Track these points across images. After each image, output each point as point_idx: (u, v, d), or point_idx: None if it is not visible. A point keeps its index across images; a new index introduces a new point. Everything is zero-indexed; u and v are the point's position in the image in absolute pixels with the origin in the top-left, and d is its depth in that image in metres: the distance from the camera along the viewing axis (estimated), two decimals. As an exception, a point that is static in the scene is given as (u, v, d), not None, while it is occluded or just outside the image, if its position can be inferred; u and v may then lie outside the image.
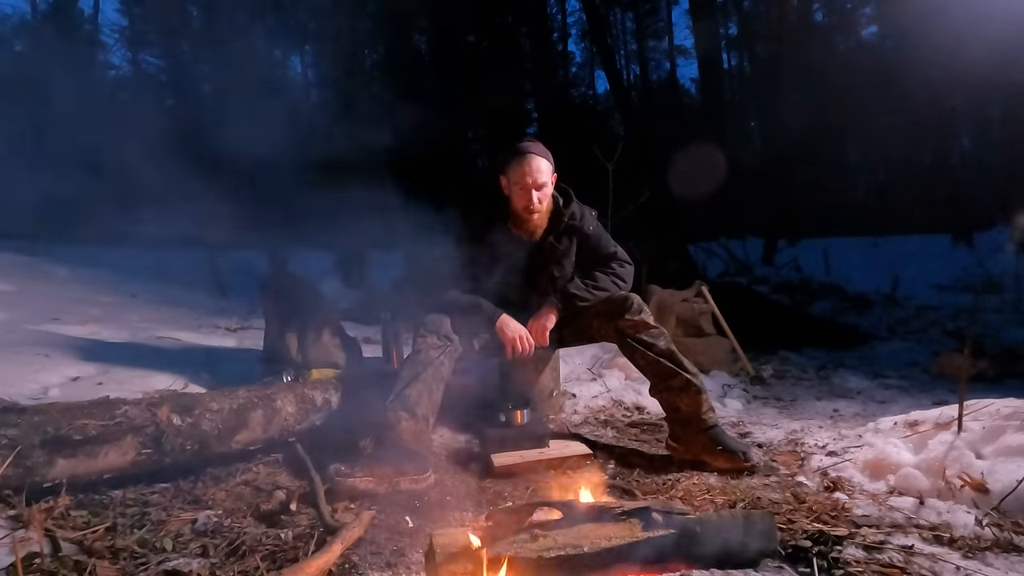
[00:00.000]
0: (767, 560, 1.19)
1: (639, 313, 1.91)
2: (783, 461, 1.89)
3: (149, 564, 1.17)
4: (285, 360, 2.39)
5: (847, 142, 15.95)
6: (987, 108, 13.00)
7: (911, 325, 4.88)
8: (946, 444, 1.62)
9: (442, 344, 1.84)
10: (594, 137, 8.10)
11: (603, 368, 2.94)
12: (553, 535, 1.09)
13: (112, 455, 1.41)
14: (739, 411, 2.65)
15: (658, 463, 1.88)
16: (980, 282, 6.40)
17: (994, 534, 1.29)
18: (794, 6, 13.92)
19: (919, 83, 10.05)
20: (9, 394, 1.82)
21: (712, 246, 8.39)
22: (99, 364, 2.35)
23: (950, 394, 2.42)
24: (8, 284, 4.23)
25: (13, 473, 1.26)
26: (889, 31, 14.43)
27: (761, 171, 12.65)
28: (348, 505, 1.51)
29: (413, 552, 1.27)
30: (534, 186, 1.90)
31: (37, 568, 1.11)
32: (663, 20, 22.20)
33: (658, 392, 1.92)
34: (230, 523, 1.37)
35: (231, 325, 3.75)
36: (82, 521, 1.31)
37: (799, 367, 3.58)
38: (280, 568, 1.16)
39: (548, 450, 1.88)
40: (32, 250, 5.53)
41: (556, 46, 16.65)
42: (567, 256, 2.06)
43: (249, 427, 1.69)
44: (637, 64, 22.51)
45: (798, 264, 8.14)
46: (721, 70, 13.78)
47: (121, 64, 14.88)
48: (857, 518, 1.41)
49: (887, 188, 18.34)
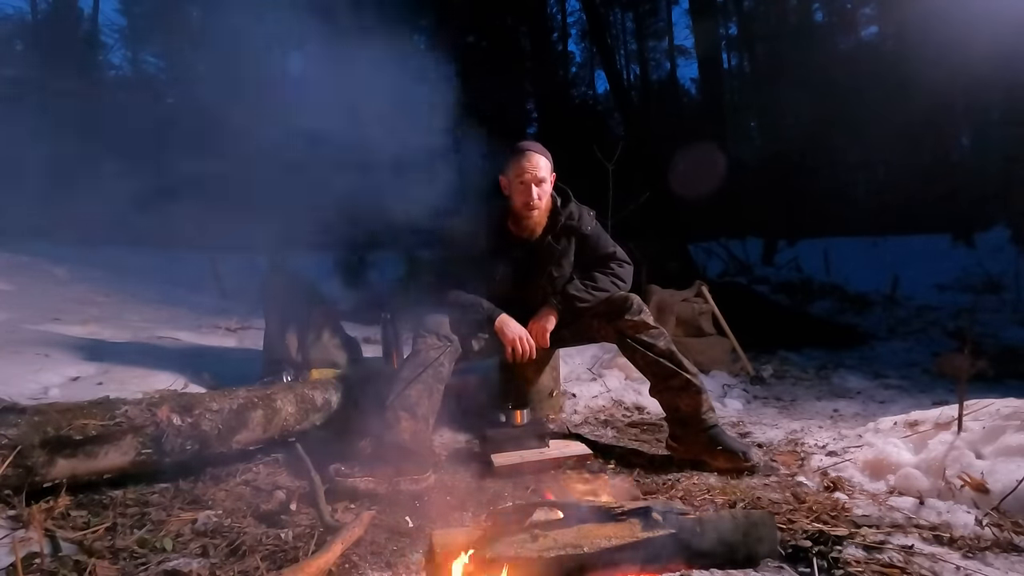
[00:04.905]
0: (767, 560, 1.19)
1: (639, 313, 1.91)
2: (783, 461, 1.89)
3: (149, 564, 1.17)
4: (285, 360, 2.38)
5: (847, 142, 15.93)
6: (987, 108, 13.00)
7: (911, 325, 4.88)
8: (946, 444, 1.62)
9: (442, 344, 1.84)
10: (594, 137, 8.08)
11: (603, 368, 2.94)
12: (553, 535, 1.09)
13: (112, 455, 1.41)
14: (739, 411, 2.66)
15: (658, 463, 1.88)
16: (980, 282, 6.41)
17: (994, 534, 1.29)
18: (794, 6, 13.94)
19: (919, 83, 10.05)
20: (9, 394, 1.82)
21: (712, 246, 8.38)
22: (99, 364, 2.34)
23: (950, 394, 2.42)
24: (8, 284, 4.22)
25: (13, 473, 1.26)
26: (889, 31, 14.43)
27: (761, 171, 12.67)
28: (348, 505, 1.51)
29: (413, 552, 1.27)
30: (534, 181, 1.91)
31: (37, 568, 1.10)
32: (663, 20, 22.23)
33: (658, 392, 1.92)
34: (230, 523, 1.37)
35: (231, 325, 3.74)
36: (82, 521, 1.31)
37: (799, 367, 3.58)
38: (280, 568, 1.16)
39: (548, 450, 1.88)
40: (32, 250, 5.52)
41: (556, 46, 16.62)
42: (565, 256, 2.06)
43: (249, 427, 1.68)
44: (637, 64, 22.54)
45: (798, 264, 8.14)
46: (721, 70, 13.77)
47: (121, 64, 14.90)
48: (857, 518, 1.41)
49: (887, 188, 18.33)
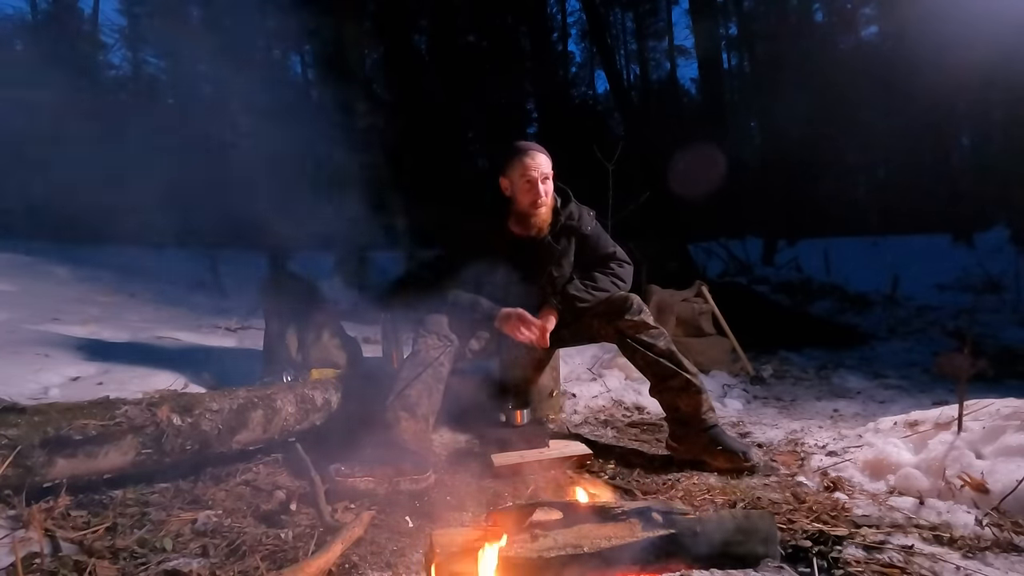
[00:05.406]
0: (767, 560, 1.19)
1: (639, 313, 1.91)
2: (783, 461, 1.89)
3: (149, 564, 1.17)
4: (285, 360, 2.38)
5: (847, 142, 15.95)
6: (987, 108, 13.00)
7: (911, 325, 4.88)
8: (946, 444, 1.62)
9: (442, 344, 1.84)
10: (594, 137, 8.09)
11: (603, 368, 2.94)
12: (553, 535, 1.09)
13: (112, 455, 1.41)
14: (739, 411, 2.66)
15: (658, 463, 1.88)
16: (980, 282, 6.41)
17: (994, 534, 1.29)
18: (794, 6, 13.94)
19: (919, 83, 10.05)
20: (9, 394, 1.81)
21: (712, 246, 8.38)
22: (99, 364, 2.34)
23: (950, 394, 2.42)
24: (8, 284, 4.22)
25: (13, 473, 1.26)
26: (889, 31, 14.43)
27: (761, 171, 12.66)
28: (348, 505, 1.51)
29: (413, 552, 1.27)
30: (540, 178, 1.91)
31: (37, 568, 1.10)
32: (663, 20, 22.24)
33: (658, 392, 1.92)
34: (230, 523, 1.37)
35: (231, 325, 3.74)
36: (82, 521, 1.31)
37: (799, 367, 3.58)
38: (280, 568, 1.16)
39: (548, 450, 1.88)
40: (32, 250, 5.52)
41: (556, 46, 16.63)
42: (565, 256, 2.06)
43: (249, 427, 1.68)
44: (637, 64, 22.56)
45: (798, 264, 8.14)
46: (721, 70, 13.77)
47: (121, 64, 14.91)
48: (857, 518, 1.41)
49: (887, 188, 18.34)
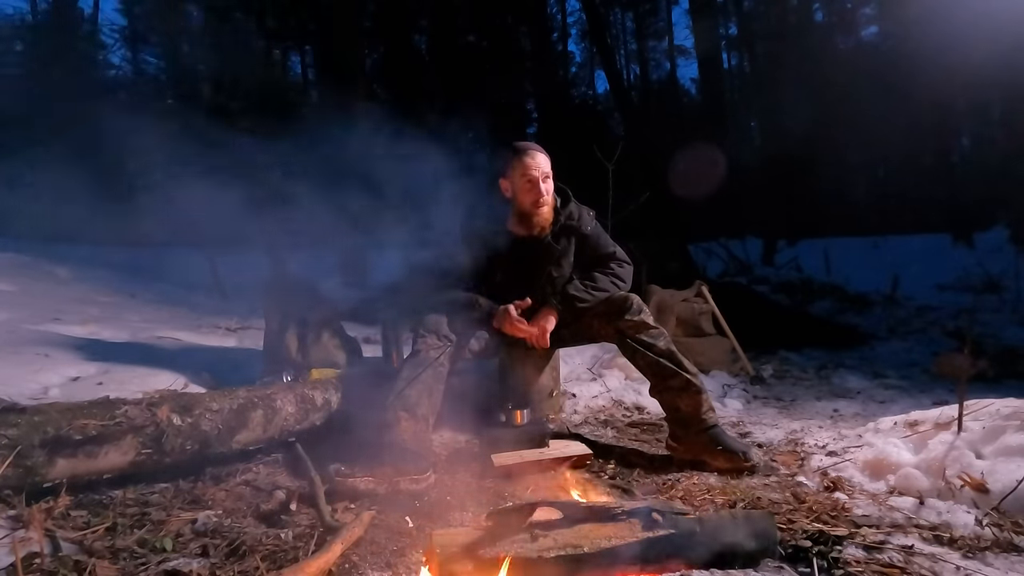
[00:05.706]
0: (767, 560, 1.19)
1: (639, 314, 1.91)
2: (783, 461, 1.89)
3: (149, 564, 1.17)
4: (285, 360, 2.39)
5: (847, 142, 15.95)
6: (987, 108, 13.01)
7: (911, 325, 4.88)
8: (946, 444, 1.62)
9: (442, 344, 1.84)
10: (594, 137, 8.09)
11: (603, 368, 2.94)
12: (553, 535, 1.09)
13: (112, 455, 1.41)
14: (739, 411, 2.65)
15: (658, 463, 1.88)
16: (980, 282, 6.41)
17: (994, 534, 1.29)
18: (794, 6, 13.94)
19: (919, 83, 10.05)
20: (9, 394, 1.82)
21: (712, 246, 8.39)
22: (99, 364, 2.35)
23: (950, 394, 2.42)
24: (8, 284, 4.23)
25: (13, 473, 1.26)
26: (889, 31, 14.44)
27: (761, 171, 12.66)
28: (348, 505, 1.51)
29: (413, 552, 1.27)
30: (541, 177, 1.92)
31: (37, 568, 1.10)
32: (663, 20, 22.26)
33: (658, 392, 1.92)
34: (230, 523, 1.37)
35: (231, 325, 3.74)
36: (82, 521, 1.31)
37: (799, 367, 3.58)
38: (280, 568, 1.16)
39: (548, 450, 1.88)
40: (32, 250, 5.53)
41: (556, 46, 16.63)
42: (565, 256, 2.06)
43: (249, 427, 1.69)
44: (637, 64, 22.56)
45: (798, 264, 8.14)
46: (721, 70, 13.79)
47: (121, 64, 14.92)
48: (857, 518, 1.41)
49: (887, 188, 18.35)
